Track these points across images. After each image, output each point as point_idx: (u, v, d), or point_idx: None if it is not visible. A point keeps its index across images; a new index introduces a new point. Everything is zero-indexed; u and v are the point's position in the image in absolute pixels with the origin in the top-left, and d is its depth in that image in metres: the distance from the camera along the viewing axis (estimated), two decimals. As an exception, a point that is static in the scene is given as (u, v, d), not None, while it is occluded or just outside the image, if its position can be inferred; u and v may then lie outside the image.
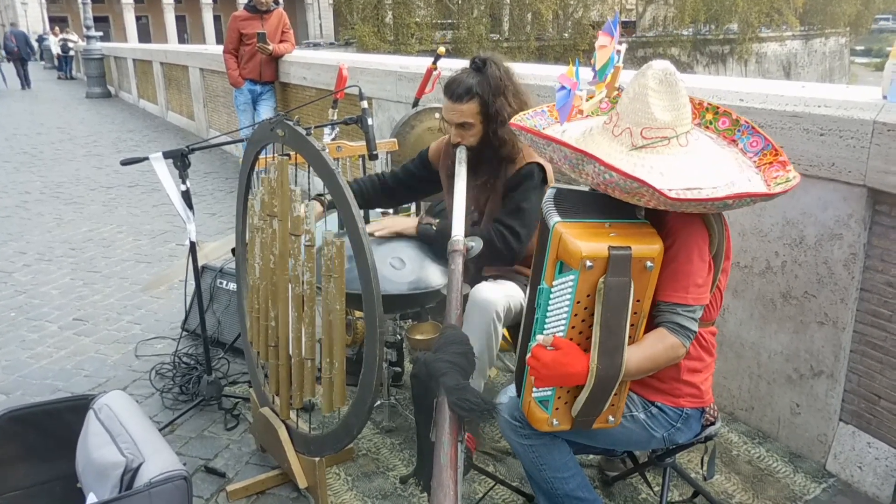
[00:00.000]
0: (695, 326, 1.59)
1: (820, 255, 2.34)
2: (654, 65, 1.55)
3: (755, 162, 1.65)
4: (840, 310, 2.31)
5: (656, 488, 2.26)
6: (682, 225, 1.59)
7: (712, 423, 1.83)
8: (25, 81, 19.31)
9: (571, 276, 1.48)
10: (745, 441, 2.60)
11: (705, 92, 2.55)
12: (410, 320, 2.92)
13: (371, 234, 2.40)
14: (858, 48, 55.71)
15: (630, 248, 1.46)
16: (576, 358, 1.51)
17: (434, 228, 2.42)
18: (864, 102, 2.18)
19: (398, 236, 2.46)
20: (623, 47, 1.65)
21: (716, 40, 42.94)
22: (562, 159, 1.57)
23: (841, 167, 2.20)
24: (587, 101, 1.73)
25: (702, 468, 2.02)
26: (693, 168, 1.54)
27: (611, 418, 1.61)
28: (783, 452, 2.53)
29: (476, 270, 2.49)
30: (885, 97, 2.19)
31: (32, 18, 42.41)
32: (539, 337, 1.54)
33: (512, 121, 1.78)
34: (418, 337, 2.64)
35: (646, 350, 1.55)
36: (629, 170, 1.46)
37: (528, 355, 1.55)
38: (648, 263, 1.47)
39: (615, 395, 1.56)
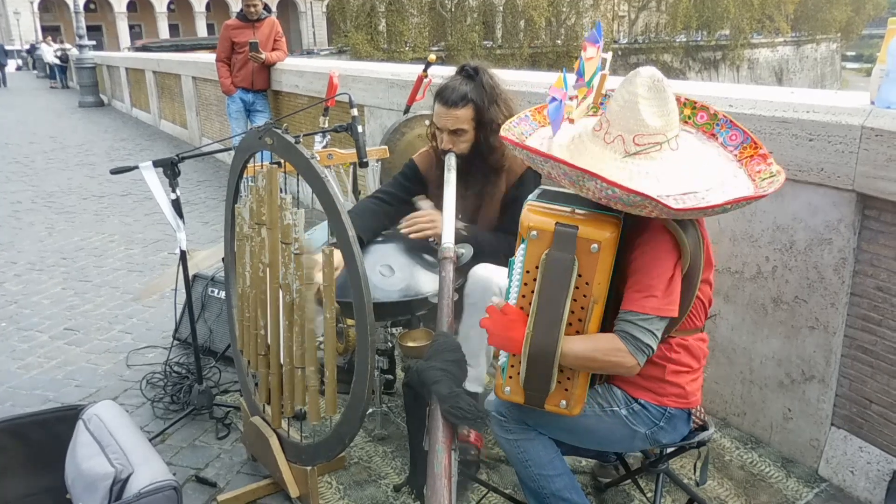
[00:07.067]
0: (650, 340, 1.56)
1: (810, 259, 2.35)
2: (642, 72, 1.56)
3: (736, 156, 1.67)
4: (831, 314, 2.32)
5: (649, 494, 2.26)
6: (652, 239, 1.60)
7: (702, 427, 1.83)
8: (2, 82, 24.65)
9: (523, 246, 1.59)
10: (737, 446, 2.60)
11: (695, 98, 2.55)
12: (401, 327, 2.91)
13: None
14: (850, 54, 56.20)
15: (577, 227, 1.53)
16: (517, 324, 1.59)
17: (465, 234, 2.36)
18: (853, 108, 2.19)
19: (388, 241, 2.45)
20: (609, 56, 1.66)
21: (708, 46, 43.23)
22: (561, 175, 1.56)
23: (830, 172, 2.21)
24: (576, 108, 1.74)
25: (694, 474, 2.01)
26: (686, 171, 1.56)
27: (563, 402, 1.63)
28: (776, 457, 2.53)
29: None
30: (872, 102, 2.19)
31: (25, 28, 42.41)
32: (494, 299, 1.66)
33: (503, 135, 1.75)
34: (410, 344, 2.62)
35: (589, 342, 1.58)
36: (629, 181, 1.47)
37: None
38: (594, 246, 1.52)
39: (566, 377, 1.61)
